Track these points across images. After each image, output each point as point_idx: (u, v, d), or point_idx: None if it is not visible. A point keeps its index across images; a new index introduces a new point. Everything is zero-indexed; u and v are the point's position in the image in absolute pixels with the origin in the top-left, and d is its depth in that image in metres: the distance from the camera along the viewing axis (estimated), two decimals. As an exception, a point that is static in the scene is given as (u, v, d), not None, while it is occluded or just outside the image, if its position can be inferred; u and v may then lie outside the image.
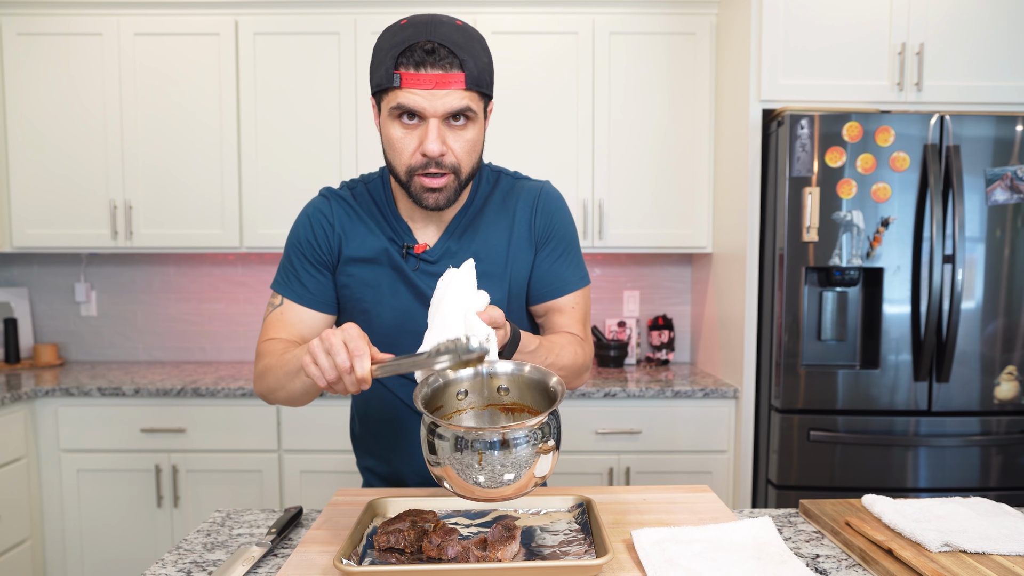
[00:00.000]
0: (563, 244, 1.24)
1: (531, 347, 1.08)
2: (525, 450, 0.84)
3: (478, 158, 1.13)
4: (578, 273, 1.26)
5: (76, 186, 2.71)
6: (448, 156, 1.07)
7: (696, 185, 2.71)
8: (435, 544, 0.90)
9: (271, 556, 1.00)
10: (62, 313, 3.07)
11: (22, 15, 2.66)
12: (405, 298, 1.19)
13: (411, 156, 1.07)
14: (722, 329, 2.64)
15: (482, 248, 1.20)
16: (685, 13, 2.66)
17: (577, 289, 1.25)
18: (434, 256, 1.19)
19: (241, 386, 2.45)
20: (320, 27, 2.66)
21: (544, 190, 1.25)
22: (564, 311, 1.24)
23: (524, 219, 1.22)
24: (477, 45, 1.06)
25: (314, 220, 1.22)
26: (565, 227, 1.25)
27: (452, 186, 1.10)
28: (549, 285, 1.23)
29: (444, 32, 1.02)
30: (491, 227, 1.21)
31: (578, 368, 1.20)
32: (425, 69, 1.01)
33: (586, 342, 1.24)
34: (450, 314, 0.94)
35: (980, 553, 0.93)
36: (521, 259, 1.22)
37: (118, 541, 2.49)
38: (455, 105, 1.03)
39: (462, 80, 1.03)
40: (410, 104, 1.03)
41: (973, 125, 2.13)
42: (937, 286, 2.12)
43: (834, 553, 1.01)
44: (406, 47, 1.02)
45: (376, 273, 1.20)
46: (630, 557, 0.95)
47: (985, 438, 2.17)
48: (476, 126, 1.08)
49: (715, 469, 2.46)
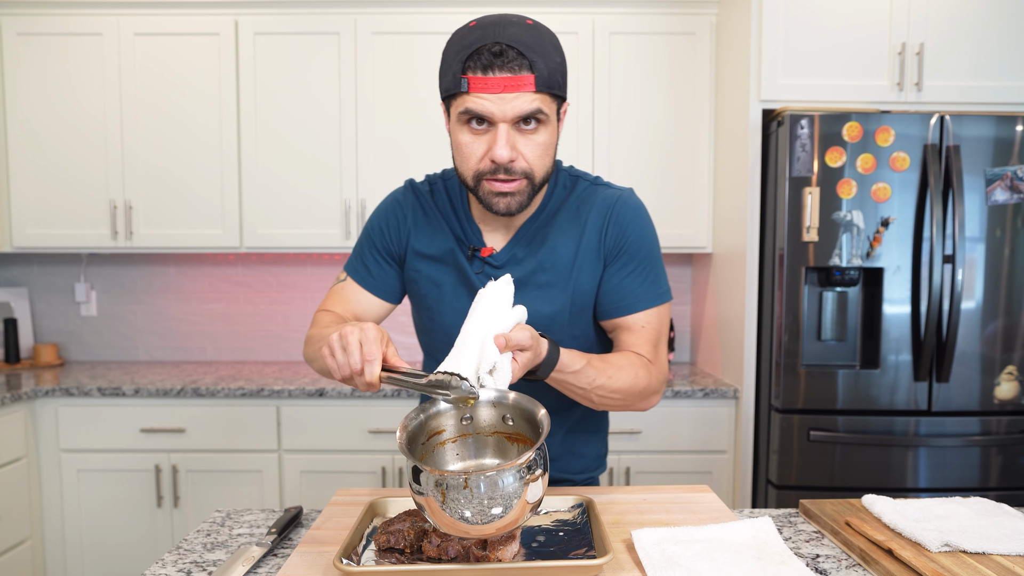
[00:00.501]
0: (637, 258, 1.16)
1: (575, 367, 1.04)
2: (513, 486, 0.80)
3: (551, 162, 1.09)
4: (653, 290, 1.17)
5: (76, 186, 2.70)
6: (519, 162, 1.03)
7: (696, 185, 2.70)
8: (435, 544, 0.89)
9: (271, 556, 1.00)
10: (62, 313, 3.07)
11: (22, 15, 2.65)
12: (466, 300, 1.15)
13: (479, 162, 1.04)
14: (722, 329, 2.63)
15: (548, 257, 1.15)
16: (685, 13, 2.66)
17: (649, 308, 1.16)
18: (499, 261, 1.16)
19: (241, 386, 2.45)
20: (320, 27, 2.66)
21: (621, 199, 1.17)
22: (632, 330, 1.16)
23: (595, 229, 1.15)
24: (548, 44, 1.01)
25: (390, 210, 1.23)
26: (641, 240, 1.16)
27: (524, 191, 1.06)
28: (617, 302, 1.16)
29: (513, 33, 0.98)
30: (561, 235, 1.16)
31: (638, 392, 1.12)
32: (493, 72, 0.98)
33: (654, 364, 1.16)
34: (471, 334, 0.93)
35: (980, 553, 0.92)
36: (587, 271, 1.16)
37: (118, 541, 2.49)
38: (525, 108, 0.99)
39: (532, 82, 0.99)
40: (478, 109, 1.00)
41: (973, 125, 2.13)
42: (937, 286, 2.12)
43: (834, 553, 1.00)
44: (473, 50, 0.98)
45: (441, 272, 1.19)
46: (630, 557, 0.94)
47: (985, 438, 2.17)
48: (548, 129, 1.04)
49: (715, 469, 2.46)
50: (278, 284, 3.07)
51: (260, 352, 3.08)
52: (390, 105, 2.67)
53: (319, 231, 2.70)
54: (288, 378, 2.62)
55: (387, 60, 2.66)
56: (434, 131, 2.67)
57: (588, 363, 1.06)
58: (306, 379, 2.59)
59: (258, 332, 3.07)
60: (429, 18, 2.64)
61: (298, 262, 3.06)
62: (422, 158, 2.67)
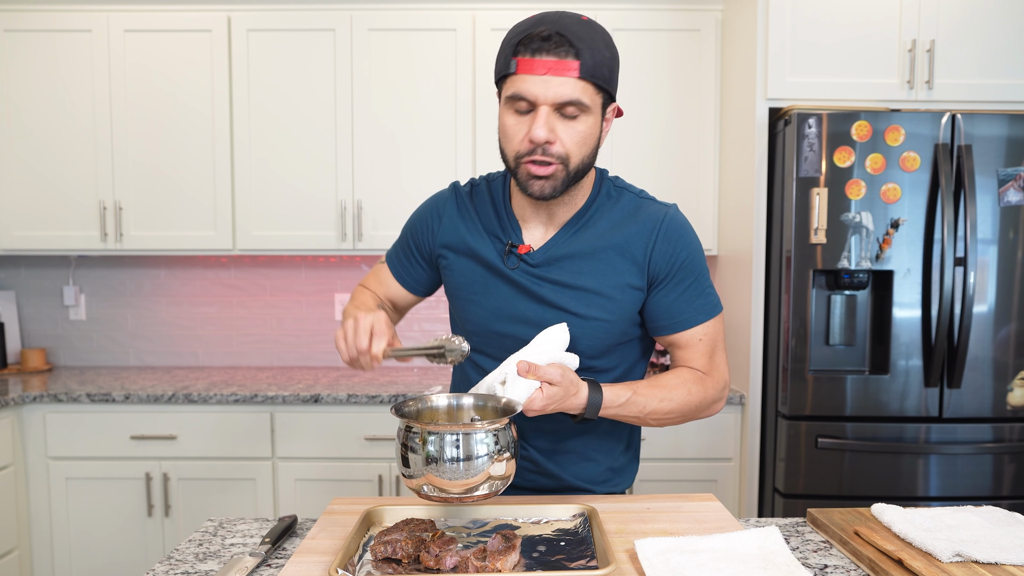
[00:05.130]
0: (691, 276, 1.18)
1: (620, 400, 1.10)
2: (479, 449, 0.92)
3: (590, 152, 1.10)
4: (708, 303, 1.19)
5: (65, 186, 2.65)
6: (556, 146, 1.06)
7: (701, 185, 2.66)
8: (433, 554, 0.90)
9: (265, 566, 0.98)
10: (50, 317, 3.01)
11: (9, 11, 2.60)
12: (499, 297, 1.19)
13: (520, 142, 1.07)
14: (728, 333, 2.59)
15: (587, 262, 1.16)
16: (690, 9, 2.61)
17: (704, 321, 1.19)
18: (535, 260, 1.18)
19: (234, 392, 2.39)
20: (315, 23, 2.60)
21: (669, 216, 1.18)
22: (689, 345, 1.20)
23: (640, 243, 1.16)
24: (600, 39, 1.05)
25: (429, 210, 1.28)
26: (692, 258, 1.18)
27: (560, 176, 1.08)
28: (671, 319, 1.18)
29: (565, 23, 1.03)
30: (601, 241, 1.17)
31: (694, 407, 1.17)
32: (540, 56, 1.02)
33: (710, 376, 1.20)
34: (510, 361, 1.05)
35: (992, 563, 0.91)
36: (625, 282, 1.16)
37: (108, 551, 2.43)
38: (566, 94, 1.03)
39: (576, 68, 1.02)
40: (522, 90, 1.04)
41: (985, 124, 2.09)
42: (948, 289, 2.07)
43: (843, 563, 0.99)
44: (526, 35, 1.03)
45: (475, 268, 1.22)
46: (633, 567, 0.93)
47: (998, 445, 2.13)
48: (589, 119, 1.07)
49: (720, 477, 2.42)
50: (272, 287, 3.01)
51: (254, 357, 3.02)
52: (387, 104, 2.62)
53: (314, 233, 2.65)
54: (282, 384, 2.56)
55: (383, 57, 2.61)
56: (433, 130, 2.62)
57: (635, 392, 1.12)
58: (300, 385, 2.54)
59: (251, 336, 3.02)
60: (426, 14, 2.59)
61: (292, 264, 3.00)
62: (420, 158, 2.63)
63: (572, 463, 1.24)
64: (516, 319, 1.18)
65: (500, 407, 1.02)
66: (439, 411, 1.06)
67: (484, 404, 1.05)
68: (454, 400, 1.07)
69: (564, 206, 1.17)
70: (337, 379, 2.67)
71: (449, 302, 1.30)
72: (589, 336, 1.16)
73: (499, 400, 1.03)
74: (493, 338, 1.20)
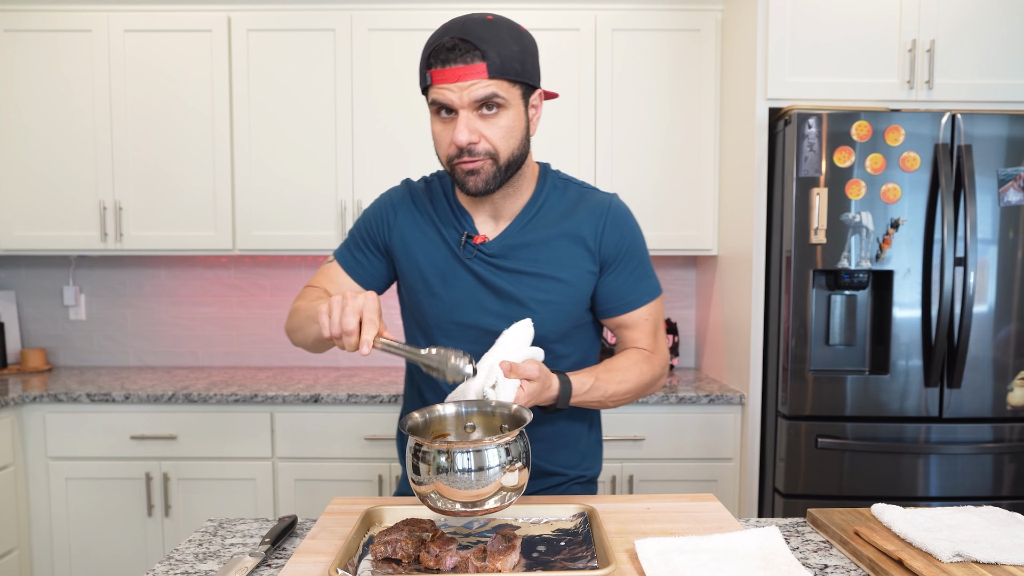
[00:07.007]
0: (636, 260, 1.27)
1: (586, 387, 1.16)
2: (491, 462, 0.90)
3: (519, 144, 1.15)
4: (651, 285, 1.29)
5: (65, 186, 2.65)
6: (481, 144, 1.11)
7: (701, 185, 2.66)
8: (433, 554, 0.89)
9: (265, 567, 0.98)
10: (50, 317, 3.01)
11: (9, 11, 2.60)
12: (459, 288, 1.23)
13: (448, 147, 1.13)
14: (728, 333, 2.58)
15: (541, 250, 1.23)
16: (690, 9, 2.61)
17: (649, 302, 1.28)
18: (491, 250, 1.22)
19: (234, 392, 2.39)
20: (315, 23, 2.60)
21: (614, 204, 1.27)
22: (636, 325, 1.28)
23: (589, 229, 1.23)
24: (505, 35, 1.09)
25: (383, 205, 1.31)
26: (636, 243, 1.27)
27: (490, 170, 1.13)
28: (620, 300, 1.26)
29: (469, 27, 1.07)
30: (552, 229, 1.23)
31: (646, 383, 1.26)
32: (449, 65, 1.07)
33: (656, 354, 1.29)
34: (485, 359, 1.05)
35: (993, 563, 0.91)
36: (579, 267, 1.24)
37: (108, 551, 2.43)
38: (480, 94, 1.08)
39: (484, 70, 1.07)
40: (441, 99, 1.09)
41: (985, 124, 2.08)
42: (948, 289, 2.07)
43: (843, 563, 0.99)
44: (433, 48, 1.08)
45: (434, 261, 1.25)
46: (633, 567, 0.93)
47: (998, 445, 2.12)
48: (510, 113, 1.11)
49: (720, 477, 2.41)
50: (272, 287, 3.01)
51: (253, 357, 3.02)
52: (387, 103, 2.62)
53: (314, 232, 2.65)
54: (282, 384, 2.56)
55: (384, 57, 2.60)
56: (432, 130, 2.61)
57: (597, 378, 1.18)
58: (301, 385, 2.54)
59: (251, 336, 3.02)
60: (426, 14, 2.59)
61: (292, 264, 3.00)
62: (421, 156, 2.62)
63: (545, 451, 1.29)
64: (478, 309, 1.22)
65: (509, 415, 1.02)
66: (447, 420, 1.04)
67: (492, 411, 1.04)
68: (462, 408, 1.05)
69: (508, 199, 1.22)
70: (337, 379, 2.67)
71: (403, 298, 1.32)
72: (551, 321, 1.22)
73: (508, 407, 1.02)
74: (456, 329, 1.24)
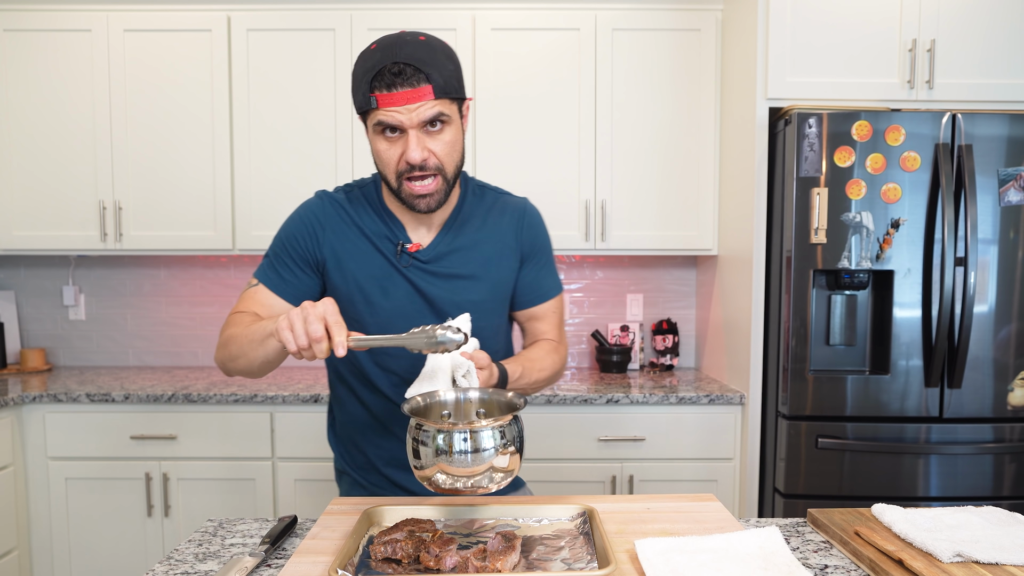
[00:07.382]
0: (546, 256, 1.40)
1: (516, 375, 1.23)
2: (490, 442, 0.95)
3: (459, 157, 1.23)
4: (557, 280, 1.43)
5: (64, 186, 2.64)
6: (431, 159, 1.17)
7: (701, 185, 2.65)
8: (433, 554, 0.89)
9: (264, 567, 0.98)
10: (50, 317, 3.00)
11: (9, 11, 2.60)
12: (397, 296, 1.28)
13: (397, 164, 1.18)
14: (728, 333, 2.58)
15: (471, 253, 1.31)
16: (690, 9, 2.60)
17: (556, 295, 1.41)
18: (426, 256, 1.28)
19: (234, 392, 2.39)
20: (315, 23, 2.60)
21: (528, 206, 1.39)
22: (545, 317, 1.40)
23: (510, 230, 1.34)
24: (441, 55, 1.16)
25: (304, 219, 1.30)
26: (547, 241, 1.41)
27: (441, 188, 1.20)
28: (533, 293, 1.38)
29: (409, 51, 1.12)
30: (478, 233, 1.32)
31: (557, 372, 1.37)
32: (395, 89, 1.12)
33: (561, 344, 1.42)
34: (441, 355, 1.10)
35: (993, 564, 0.91)
36: (505, 266, 1.34)
37: (107, 551, 2.43)
38: (428, 115, 1.15)
39: (430, 92, 1.13)
40: (389, 120, 1.15)
41: (986, 124, 2.08)
42: (949, 289, 2.07)
43: (843, 564, 0.99)
44: (376, 72, 1.12)
45: (370, 271, 1.28)
46: (633, 568, 0.93)
47: (998, 445, 2.12)
48: (452, 127, 1.19)
49: (721, 477, 2.41)
50: (272, 287, 3.00)
51: (254, 356, 3.01)
52: (387, 103, 2.61)
53: (314, 233, 2.64)
54: (282, 384, 2.56)
55: (384, 57, 2.60)
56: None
57: (523, 367, 1.26)
58: (300, 385, 2.54)
59: (252, 336, 3.01)
60: (426, 14, 2.59)
61: (293, 264, 2.99)
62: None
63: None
64: (419, 313, 1.27)
65: (505, 402, 1.08)
66: (447, 405, 1.10)
67: (489, 398, 1.10)
68: (461, 394, 1.11)
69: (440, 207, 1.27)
70: (337, 379, 2.66)
71: (344, 311, 1.28)
72: (483, 318, 1.29)
73: (504, 395, 1.09)
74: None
